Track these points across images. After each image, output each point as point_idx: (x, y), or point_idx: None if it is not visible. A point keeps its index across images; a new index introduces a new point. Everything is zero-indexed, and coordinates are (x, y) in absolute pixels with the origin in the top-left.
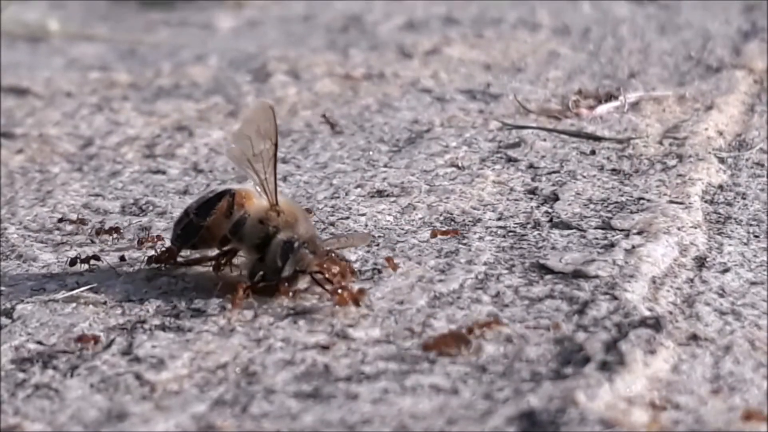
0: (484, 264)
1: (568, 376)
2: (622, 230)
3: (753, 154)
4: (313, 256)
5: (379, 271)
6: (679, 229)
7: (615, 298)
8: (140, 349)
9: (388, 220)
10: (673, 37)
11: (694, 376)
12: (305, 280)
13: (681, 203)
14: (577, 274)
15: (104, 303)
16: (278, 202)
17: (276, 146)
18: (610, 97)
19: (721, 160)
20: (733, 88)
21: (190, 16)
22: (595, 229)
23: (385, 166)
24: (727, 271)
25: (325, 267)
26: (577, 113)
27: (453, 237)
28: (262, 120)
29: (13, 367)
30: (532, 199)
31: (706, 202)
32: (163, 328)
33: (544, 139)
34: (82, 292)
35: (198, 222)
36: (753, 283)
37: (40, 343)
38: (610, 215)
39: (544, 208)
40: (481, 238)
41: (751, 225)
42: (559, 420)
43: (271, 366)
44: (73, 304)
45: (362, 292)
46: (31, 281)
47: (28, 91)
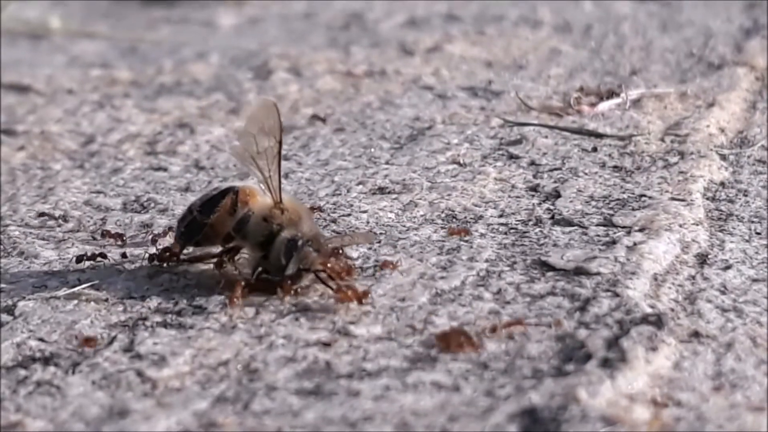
0: (486, 261)
1: (570, 373)
2: (623, 227)
3: (755, 151)
4: (317, 255)
5: (381, 268)
6: (680, 226)
7: (617, 295)
8: (142, 346)
9: (390, 217)
10: (675, 35)
11: (696, 373)
12: (308, 279)
13: (683, 200)
14: (579, 271)
15: (106, 300)
16: (282, 199)
17: (280, 144)
18: (611, 94)
19: (723, 157)
20: (734, 85)
21: (192, 13)
22: (597, 226)
23: (387, 163)
24: (728, 268)
25: (329, 266)
26: (578, 110)
27: (465, 235)
28: (266, 117)
29: (14, 364)
30: (533, 196)
31: (707, 199)
32: (164, 325)
33: (546, 136)
34: (83, 289)
35: (202, 219)
36: (755, 280)
37: (41, 340)
38: (611, 212)
39: (546, 205)
40: (482, 235)
41: (753, 222)
42: (561, 417)
43: (273, 363)
44: (75, 301)
45: (366, 292)
46: (33, 278)
47: (29, 89)
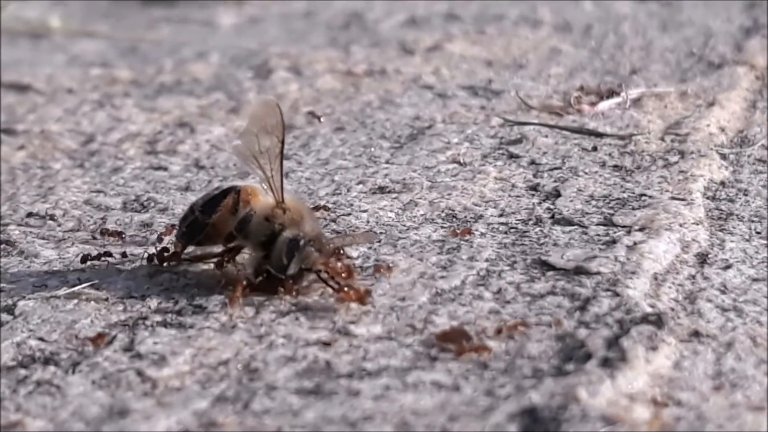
0: (486, 260)
1: (570, 372)
2: (623, 227)
3: (755, 151)
4: (318, 255)
5: (376, 272)
6: (680, 226)
7: (617, 295)
8: (142, 346)
9: (390, 217)
10: (675, 34)
11: (696, 373)
12: (310, 278)
13: (683, 200)
14: (579, 271)
15: (106, 299)
16: (284, 199)
17: (282, 143)
18: (611, 94)
19: (723, 157)
20: (734, 84)
21: (192, 13)
22: (597, 225)
23: (387, 163)
24: (728, 267)
25: (330, 266)
26: (578, 109)
27: (468, 236)
28: (268, 116)
29: (14, 364)
30: (533, 196)
31: (707, 198)
32: (164, 324)
33: (546, 136)
34: (83, 288)
35: (203, 219)
36: (755, 280)
37: (41, 339)
38: (611, 212)
39: (546, 205)
40: (482, 235)
41: (753, 221)
42: (561, 417)
43: (273, 362)
44: (75, 301)
45: (368, 293)
46: (33, 278)
47: (29, 88)
